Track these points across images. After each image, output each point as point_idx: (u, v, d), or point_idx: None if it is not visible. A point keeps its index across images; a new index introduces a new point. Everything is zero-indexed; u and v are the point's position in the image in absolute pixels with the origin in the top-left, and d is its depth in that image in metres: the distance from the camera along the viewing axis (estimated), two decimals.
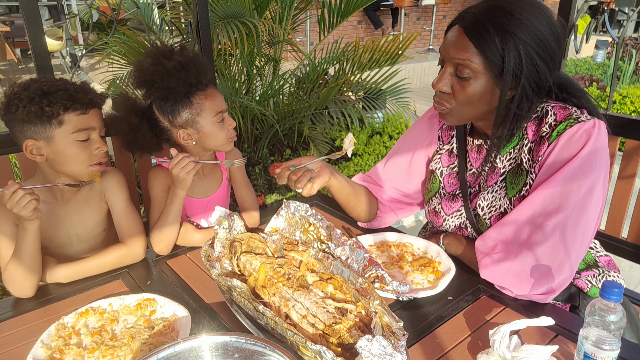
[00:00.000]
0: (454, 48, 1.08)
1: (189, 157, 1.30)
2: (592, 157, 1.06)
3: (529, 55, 1.04)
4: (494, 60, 1.05)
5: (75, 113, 1.21)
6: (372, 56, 3.81)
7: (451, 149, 1.34)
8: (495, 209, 1.21)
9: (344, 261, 1.10)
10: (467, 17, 1.07)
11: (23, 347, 0.99)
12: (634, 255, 1.64)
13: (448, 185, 1.33)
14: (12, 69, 7.32)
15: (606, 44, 7.78)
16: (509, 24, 1.03)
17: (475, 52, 1.05)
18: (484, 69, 1.06)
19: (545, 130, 1.12)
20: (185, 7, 4.00)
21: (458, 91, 1.11)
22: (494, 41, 1.03)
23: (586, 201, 1.06)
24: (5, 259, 1.20)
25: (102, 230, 1.41)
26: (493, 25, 1.04)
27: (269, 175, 3.47)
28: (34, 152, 1.22)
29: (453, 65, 1.10)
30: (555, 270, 1.07)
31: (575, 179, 1.06)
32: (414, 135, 1.43)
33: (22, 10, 1.51)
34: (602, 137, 1.08)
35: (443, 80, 1.12)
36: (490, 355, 0.89)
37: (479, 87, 1.08)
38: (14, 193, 1.09)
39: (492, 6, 1.07)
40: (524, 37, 1.03)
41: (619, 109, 5.04)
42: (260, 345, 0.80)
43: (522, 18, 1.04)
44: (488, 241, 1.16)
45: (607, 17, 7.85)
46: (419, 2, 8.19)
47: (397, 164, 1.44)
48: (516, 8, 1.05)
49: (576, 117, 1.09)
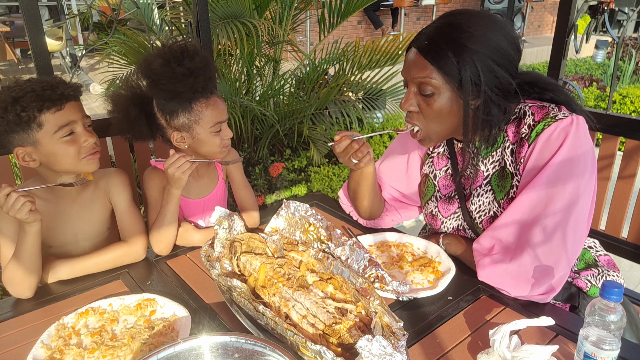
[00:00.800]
0: (414, 68, 1.13)
1: (185, 157, 1.30)
2: (573, 154, 1.07)
3: (484, 63, 1.07)
4: (451, 73, 1.08)
5: (51, 112, 1.19)
6: (372, 56, 3.81)
7: (442, 151, 1.35)
8: (485, 212, 1.22)
9: (344, 261, 1.11)
10: (421, 38, 1.12)
11: (23, 348, 0.99)
12: (634, 255, 1.64)
13: (443, 188, 1.34)
14: (12, 69, 7.32)
15: (606, 44, 7.79)
16: (460, 37, 1.07)
17: (432, 69, 1.09)
18: (444, 82, 1.10)
19: (524, 131, 1.13)
20: (185, 7, 4.00)
21: (425, 108, 1.14)
22: (447, 56, 1.07)
23: (573, 198, 1.07)
24: (5, 259, 1.20)
25: (106, 228, 1.41)
26: (445, 40, 1.08)
27: (269, 176, 3.47)
28: (26, 159, 1.21)
29: (415, 85, 1.14)
30: (550, 270, 1.07)
31: (558, 178, 1.07)
32: (406, 137, 1.42)
33: (22, 10, 1.51)
34: (581, 132, 1.08)
35: (409, 100, 1.16)
36: (490, 355, 0.89)
37: (444, 101, 1.12)
38: (7, 196, 1.08)
39: (443, 24, 1.12)
40: (476, 48, 1.06)
41: (619, 109, 5.04)
42: (260, 345, 0.80)
43: (472, 30, 1.07)
44: (484, 243, 1.17)
45: (607, 17, 7.84)
46: (419, 2, 8.20)
47: (394, 165, 1.44)
48: (465, 22, 1.09)
49: (553, 115, 1.10)
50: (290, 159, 3.76)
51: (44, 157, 1.22)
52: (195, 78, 1.27)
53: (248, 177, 1.63)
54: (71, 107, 1.23)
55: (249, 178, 3.36)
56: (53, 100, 1.19)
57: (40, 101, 1.17)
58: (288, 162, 3.70)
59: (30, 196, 1.11)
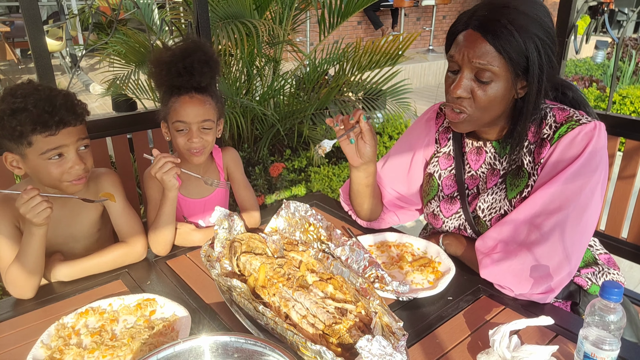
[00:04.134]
0: (474, 52, 1.05)
1: (166, 157, 1.28)
2: (594, 159, 1.07)
3: (546, 52, 1.04)
4: (518, 61, 1.03)
5: (42, 135, 1.15)
6: (372, 57, 3.81)
7: (448, 151, 1.34)
8: (495, 210, 1.21)
9: (343, 261, 1.11)
10: (482, 20, 1.05)
11: (23, 347, 0.99)
12: (634, 255, 1.64)
13: (446, 188, 1.33)
14: (12, 69, 7.32)
15: (606, 44, 7.78)
16: (524, 20, 1.02)
17: (495, 55, 1.04)
18: (505, 70, 1.05)
19: (546, 132, 1.13)
20: (186, 7, 4.00)
21: (479, 95, 1.09)
22: (517, 41, 1.02)
23: (587, 201, 1.07)
24: (3, 260, 1.20)
25: (96, 230, 1.40)
26: (511, 24, 1.02)
27: (269, 176, 3.47)
28: (13, 164, 1.21)
29: (472, 70, 1.08)
30: (554, 269, 1.07)
31: (576, 180, 1.07)
32: (412, 138, 1.42)
33: (22, 10, 1.51)
34: (602, 139, 1.09)
35: (461, 85, 1.09)
36: (490, 355, 0.89)
37: (499, 89, 1.07)
38: (31, 198, 1.08)
39: (501, 6, 1.05)
40: (537, 33, 1.02)
41: (619, 109, 5.04)
42: (260, 345, 0.80)
43: (530, 13, 1.03)
44: (488, 241, 1.16)
45: (607, 18, 7.84)
46: (419, 2, 8.19)
47: (396, 167, 1.44)
48: (521, 4, 1.04)
49: (577, 119, 1.10)
50: (290, 159, 3.76)
51: (29, 169, 1.21)
52: (168, 71, 1.36)
53: (248, 177, 1.63)
54: (67, 132, 1.18)
55: (249, 178, 3.36)
56: (49, 125, 1.14)
57: (33, 124, 1.13)
58: (288, 162, 3.70)
59: (50, 202, 1.11)
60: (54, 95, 1.18)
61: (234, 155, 1.59)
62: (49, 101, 1.16)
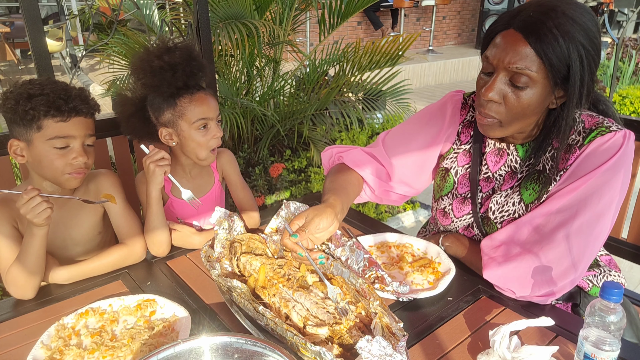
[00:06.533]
0: (511, 55, 0.99)
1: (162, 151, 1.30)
2: (618, 168, 1.03)
3: (588, 62, 0.98)
4: (559, 68, 0.97)
5: (54, 120, 1.19)
6: (372, 57, 3.81)
7: (468, 148, 1.28)
8: (508, 213, 1.17)
9: (344, 262, 1.11)
10: (526, 20, 0.98)
11: (23, 348, 0.99)
12: (634, 255, 1.64)
13: (460, 187, 1.28)
14: (12, 70, 7.32)
15: (606, 44, 7.78)
16: (571, 27, 0.96)
17: (535, 59, 0.97)
18: (543, 77, 0.99)
19: (574, 138, 1.08)
20: (186, 7, 4.00)
21: (512, 101, 1.03)
22: (561, 47, 0.95)
23: (603, 211, 1.04)
24: (3, 261, 1.20)
25: (97, 233, 1.40)
26: (557, 28, 0.95)
27: (269, 176, 3.47)
28: (17, 152, 1.22)
29: (508, 73, 1.01)
30: (559, 275, 1.06)
31: (597, 189, 1.03)
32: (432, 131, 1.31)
33: (22, 10, 1.51)
34: (630, 149, 1.05)
35: (495, 89, 1.03)
36: (490, 356, 0.89)
37: (534, 96, 1.01)
38: (31, 199, 1.09)
39: (549, 8, 0.98)
40: (583, 41, 0.96)
41: (619, 109, 5.04)
42: (260, 346, 0.80)
43: (578, 20, 0.96)
44: (494, 242, 1.15)
45: (607, 18, 7.85)
46: (419, 3, 8.19)
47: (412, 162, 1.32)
48: (570, 9, 0.97)
49: (607, 125, 1.06)
50: (290, 160, 3.75)
51: (32, 157, 1.22)
52: (174, 72, 1.30)
53: (248, 178, 1.63)
54: (77, 122, 1.23)
55: (249, 178, 3.36)
56: (61, 111, 1.19)
57: (47, 107, 1.18)
58: (288, 162, 3.70)
59: (51, 203, 1.12)
60: (69, 87, 1.24)
61: (229, 157, 1.57)
62: (65, 90, 1.22)
